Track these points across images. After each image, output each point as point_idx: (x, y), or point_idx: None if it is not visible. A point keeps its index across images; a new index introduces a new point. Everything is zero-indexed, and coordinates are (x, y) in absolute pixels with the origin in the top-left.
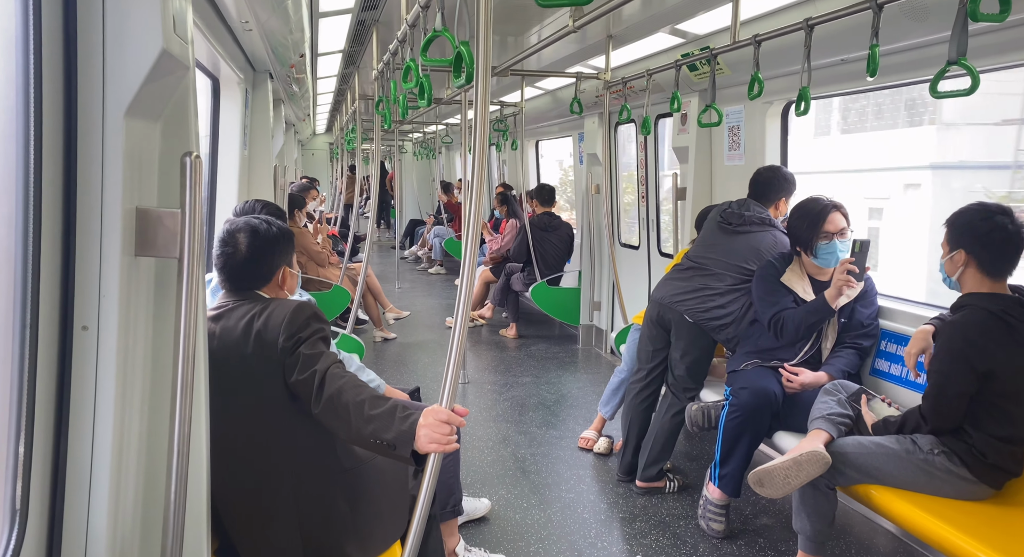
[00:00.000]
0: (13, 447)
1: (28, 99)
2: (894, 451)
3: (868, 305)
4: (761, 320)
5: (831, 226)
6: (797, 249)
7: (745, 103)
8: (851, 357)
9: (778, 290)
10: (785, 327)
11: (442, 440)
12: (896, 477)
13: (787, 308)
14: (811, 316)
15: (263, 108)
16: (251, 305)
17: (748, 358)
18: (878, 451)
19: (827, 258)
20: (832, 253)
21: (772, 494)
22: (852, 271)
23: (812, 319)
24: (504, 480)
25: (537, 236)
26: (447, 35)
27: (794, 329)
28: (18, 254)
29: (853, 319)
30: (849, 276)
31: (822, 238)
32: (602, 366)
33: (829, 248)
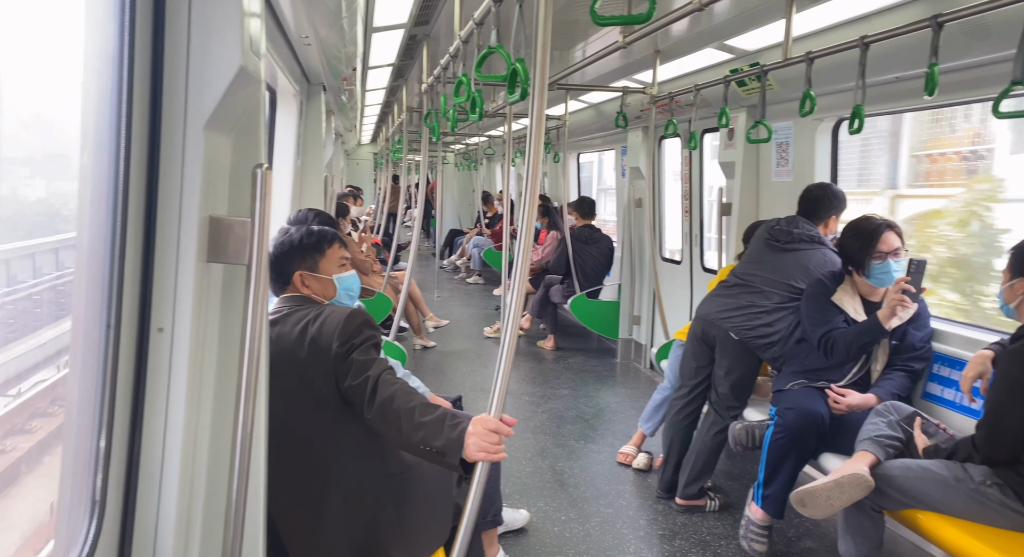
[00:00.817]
0: (95, 441)
1: (120, 114)
2: (943, 477)
3: (921, 327)
4: (810, 339)
5: (885, 246)
6: (849, 268)
7: (794, 119)
8: (902, 380)
9: (828, 309)
10: (835, 347)
11: (491, 449)
12: (945, 504)
13: (837, 328)
14: (862, 336)
15: (316, 119)
16: (306, 311)
17: (794, 378)
18: (926, 476)
19: (881, 278)
20: (886, 273)
21: (814, 515)
22: (907, 291)
23: (863, 340)
24: (543, 492)
25: (577, 248)
26: (502, 52)
27: (844, 349)
28: (105, 258)
29: (905, 341)
30: (904, 296)
31: (876, 257)
32: (641, 381)
33: (883, 268)
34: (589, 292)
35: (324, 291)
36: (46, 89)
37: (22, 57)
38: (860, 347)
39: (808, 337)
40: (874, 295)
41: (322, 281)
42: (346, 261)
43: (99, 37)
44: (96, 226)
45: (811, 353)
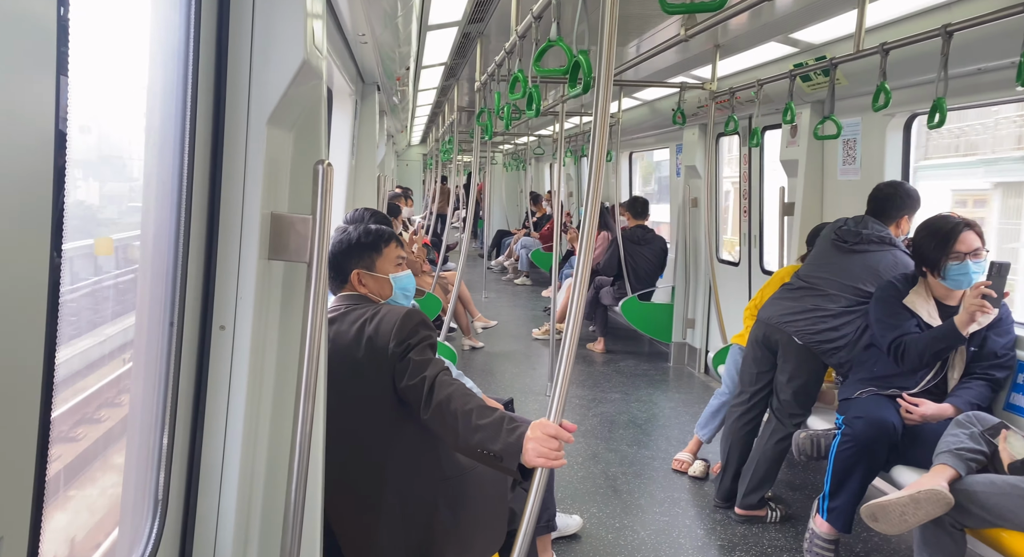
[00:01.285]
0: (158, 438)
1: (184, 109)
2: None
3: (1003, 333)
4: (880, 344)
5: (963, 246)
6: (923, 270)
7: (863, 115)
8: (981, 389)
9: (900, 313)
10: (907, 353)
11: (550, 455)
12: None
13: (910, 332)
14: (937, 342)
15: (370, 119)
16: (363, 310)
17: (863, 385)
18: (1013, 493)
19: (958, 280)
20: (964, 274)
21: (887, 530)
22: (988, 295)
23: (938, 346)
24: (595, 498)
25: (629, 249)
26: (562, 45)
27: (917, 356)
28: (169, 255)
29: (985, 348)
30: (984, 301)
31: (953, 258)
32: (695, 386)
33: (961, 269)
34: (641, 294)
35: (380, 290)
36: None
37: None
38: (934, 354)
39: (877, 342)
40: (950, 298)
41: (379, 280)
42: (402, 260)
43: (164, 33)
44: (160, 223)
45: (880, 359)
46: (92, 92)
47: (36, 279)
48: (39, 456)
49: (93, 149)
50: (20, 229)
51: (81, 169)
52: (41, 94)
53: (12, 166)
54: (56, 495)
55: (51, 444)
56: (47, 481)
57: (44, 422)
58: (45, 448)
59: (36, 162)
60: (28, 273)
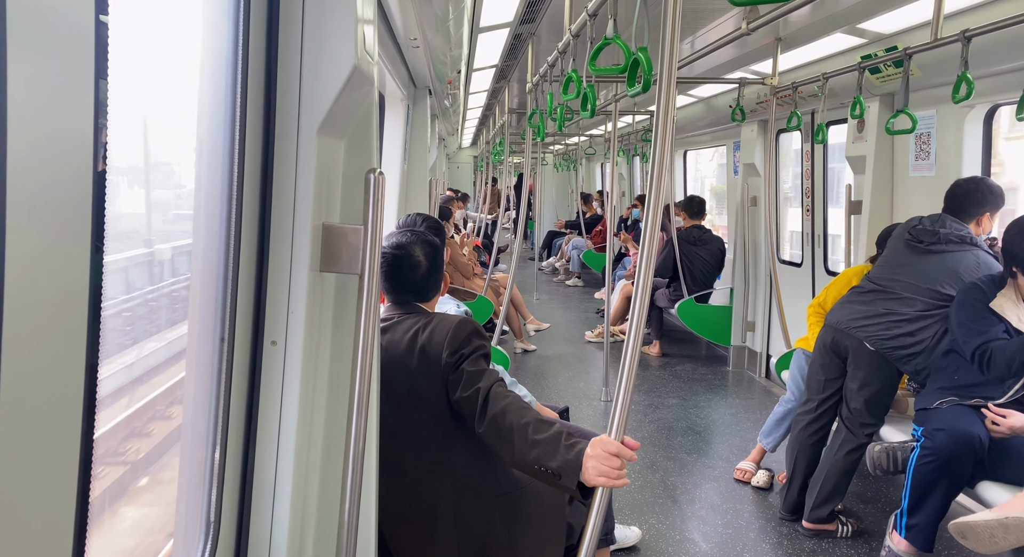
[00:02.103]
0: (210, 455)
1: (234, 118)
2: None
3: None
4: (963, 351)
5: None
6: (1013, 270)
7: (937, 107)
8: None
9: (986, 317)
10: (994, 359)
11: (612, 474)
12: None
13: (997, 338)
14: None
15: (422, 124)
16: (415, 319)
17: (943, 394)
18: None
19: None
20: None
21: (977, 549)
22: None
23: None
24: (654, 508)
25: (685, 250)
26: (619, 42)
27: (1006, 363)
28: (219, 268)
29: None
30: None
31: None
32: (756, 391)
33: None
34: (698, 296)
35: (443, 291)
36: (159, 96)
37: (137, 62)
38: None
39: (960, 348)
40: None
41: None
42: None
43: (213, 41)
44: (210, 235)
45: (962, 366)
46: (142, 100)
47: (77, 288)
48: (82, 475)
49: (141, 157)
50: (59, 237)
51: (128, 177)
52: (78, 100)
53: (50, 173)
54: (103, 514)
55: (94, 462)
56: (91, 502)
57: (87, 439)
58: (88, 466)
59: (75, 169)
60: (69, 282)
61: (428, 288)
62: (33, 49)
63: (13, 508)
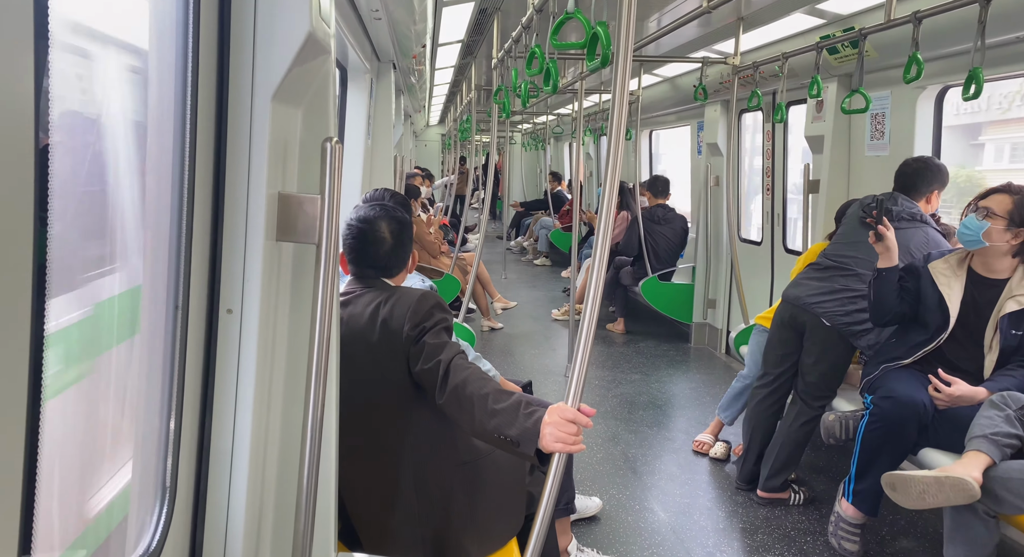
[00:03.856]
0: (164, 424)
1: (185, 84)
2: None
3: None
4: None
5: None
6: None
7: (892, 88)
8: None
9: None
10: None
11: (568, 440)
12: None
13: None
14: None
15: (386, 98)
16: (377, 293)
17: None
18: None
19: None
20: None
21: (902, 503)
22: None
23: (873, 288)
24: (615, 479)
25: (649, 229)
26: (580, 17)
27: (870, 306)
28: (172, 236)
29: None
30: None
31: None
32: (716, 366)
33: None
34: (661, 274)
35: (411, 268)
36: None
37: (82, 28)
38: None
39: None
40: (989, 270)
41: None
42: None
43: (163, 6)
44: (163, 204)
45: (903, 340)
46: (87, 67)
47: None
48: (28, 447)
49: (88, 127)
50: (1, 208)
51: (75, 148)
52: (18, 68)
53: None
54: (52, 487)
55: (42, 432)
56: (39, 473)
57: (34, 409)
58: (35, 437)
59: (15, 140)
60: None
61: (392, 264)
62: None
63: None
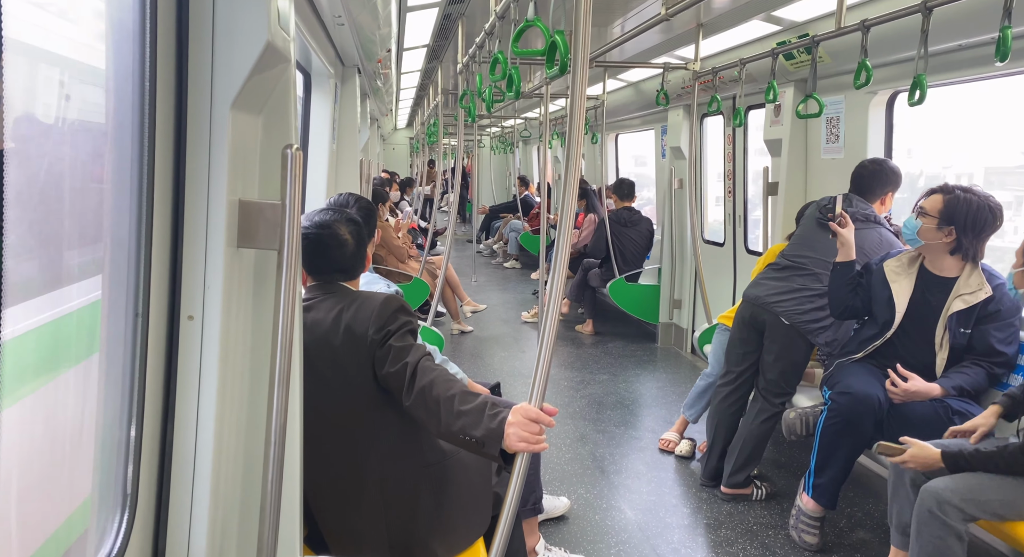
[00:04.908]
0: (125, 431)
1: (143, 92)
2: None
3: (1006, 328)
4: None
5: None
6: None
7: (846, 93)
8: (977, 377)
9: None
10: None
11: (531, 439)
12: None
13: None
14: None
15: (351, 102)
16: (339, 298)
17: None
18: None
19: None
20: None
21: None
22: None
23: (833, 282)
24: (583, 479)
25: (616, 231)
26: (539, 25)
27: (831, 299)
28: (132, 244)
29: (982, 341)
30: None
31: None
32: (682, 366)
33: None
34: (628, 276)
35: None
36: (63, 71)
37: (38, 34)
38: (836, 291)
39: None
40: (942, 268)
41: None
42: None
43: (120, 13)
44: (122, 212)
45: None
46: (43, 73)
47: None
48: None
49: (45, 134)
50: None
51: (31, 155)
52: None
53: None
54: (9, 494)
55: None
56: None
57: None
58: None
59: None
60: None
61: (355, 266)
62: None
63: None
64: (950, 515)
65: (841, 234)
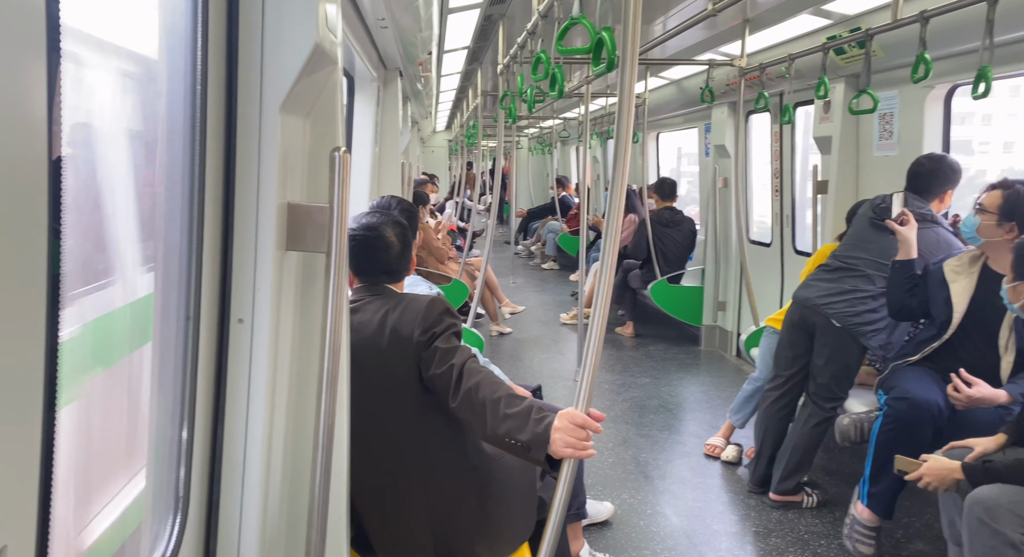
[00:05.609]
0: (177, 433)
1: (194, 96)
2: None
3: None
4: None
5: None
6: None
7: (900, 88)
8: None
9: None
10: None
11: (578, 445)
12: None
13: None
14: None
15: (393, 105)
16: (385, 300)
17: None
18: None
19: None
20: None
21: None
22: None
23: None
24: (626, 484)
25: (657, 232)
26: (585, 22)
27: (890, 300)
28: (183, 247)
29: None
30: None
31: None
32: (727, 369)
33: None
34: (670, 277)
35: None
36: (117, 76)
37: (92, 41)
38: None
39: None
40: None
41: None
42: None
43: (172, 19)
44: (174, 215)
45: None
46: (99, 79)
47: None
48: (44, 455)
49: (100, 139)
50: (15, 220)
51: (87, 159)
52: (30, 81)
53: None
54: (68, 496)
55: (57, 442)
56: (54, 482)
57: (48, 418)
58: (50, 446)
59: (29, 152)
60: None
61: (401, 268)
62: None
63: None
64: (1001, 522)
65: (900, 232)
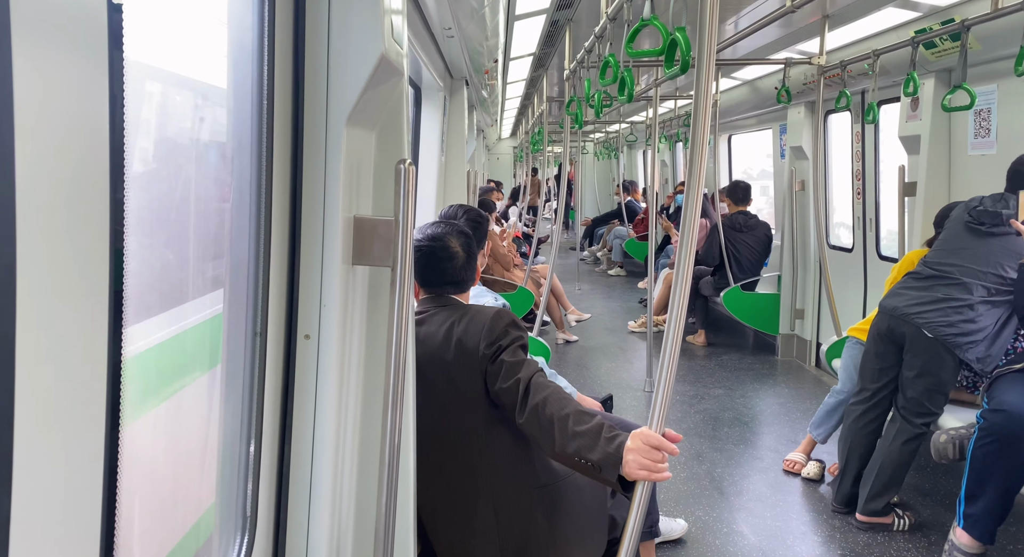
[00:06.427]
0: (244, 447)
1: (261, 110)
2: None
3: None
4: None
5: None
6: None
7: (998, 82)
8: None
9: None
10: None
11: (652, 467)
12: None
13: None
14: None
15: (459, 114)
16: (450, 311)
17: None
18: None
19: None
20: None
21: None
22: None
23: (1018, 283)
24: (700, 500)
25: (730, 237)
26: (657, 23)
27: (1017, 306)
28: (251, 262)
29: None
30: None
31: None
32: (806, 380)
33: None
34: (744, 284)
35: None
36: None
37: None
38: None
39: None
40: None
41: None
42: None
43: (239, 32)
44: (241, 230)
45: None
46: (166, 94)
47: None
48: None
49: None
50: (76, 239)
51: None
52: (95, 95)
53: (63, 174)
54: (132, 514)
55: (121, 457)
56: (118, 501)
57: (112, 437)
58: (114, 463)
59: (93, 169)
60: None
61: (466, 278)
62: (39, 37)
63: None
64: None
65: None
